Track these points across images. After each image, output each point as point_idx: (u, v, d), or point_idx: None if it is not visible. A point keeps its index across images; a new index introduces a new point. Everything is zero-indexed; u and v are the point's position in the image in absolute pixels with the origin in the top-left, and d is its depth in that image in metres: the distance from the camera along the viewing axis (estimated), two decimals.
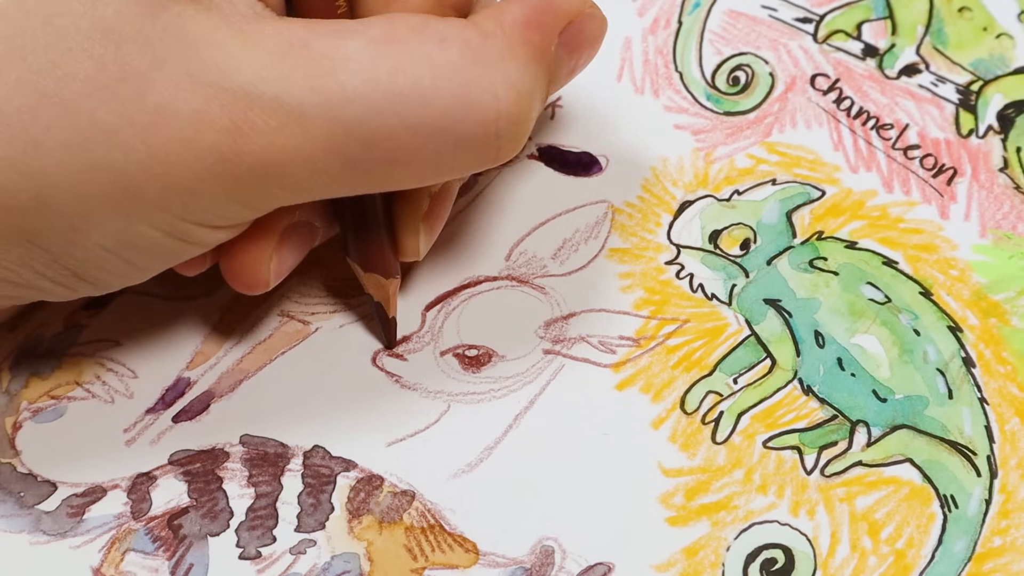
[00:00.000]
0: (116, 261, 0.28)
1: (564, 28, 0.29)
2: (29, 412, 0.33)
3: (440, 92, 0.26)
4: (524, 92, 0.27)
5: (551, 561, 0.31)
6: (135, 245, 0.27)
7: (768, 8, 0.40)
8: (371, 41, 0.26)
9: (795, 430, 0.33)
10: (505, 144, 0.28)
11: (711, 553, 0.31)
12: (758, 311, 0.34)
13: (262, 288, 0.31)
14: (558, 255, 0.35)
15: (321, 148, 0.26)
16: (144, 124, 0.25)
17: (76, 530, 0.31)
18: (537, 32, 0.28)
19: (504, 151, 0.28)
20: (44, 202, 0.26)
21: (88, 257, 0.27)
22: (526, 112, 0.27)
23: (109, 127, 0.25)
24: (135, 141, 0.25)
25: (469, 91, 0.26)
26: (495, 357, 0.34)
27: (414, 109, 0.26)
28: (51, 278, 0.28)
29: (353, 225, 0.32)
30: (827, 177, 0.37)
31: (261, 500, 0.32)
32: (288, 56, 0.26)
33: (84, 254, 0.27)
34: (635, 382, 0.33)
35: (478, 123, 0.27)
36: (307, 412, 0.33)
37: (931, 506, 0.32)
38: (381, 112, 0.26)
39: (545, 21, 0.28)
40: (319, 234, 0.32)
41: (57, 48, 0.25)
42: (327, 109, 0.26)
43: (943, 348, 0.34)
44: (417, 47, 0.26)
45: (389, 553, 0.31)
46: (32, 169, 0.25)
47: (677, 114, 0.38)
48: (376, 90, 0.26)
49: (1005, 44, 0.39)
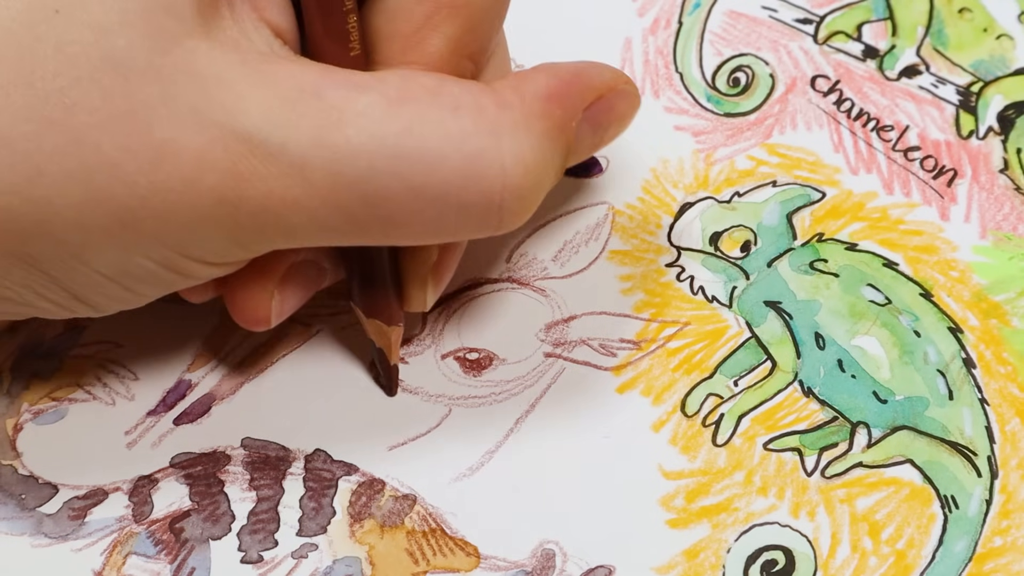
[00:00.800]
0: (115, 287, 0.28)
1: (591, 104, 0.28)
2: (30, 414, 0.33)
3: (446, 160, 0.26)
4: (533, 167, 0.27)
5: (552, 564, 0.31)
6: (133, 274, 0.27)
7: (768, 9, 0.40)
8: (383, 98, 0.26)
9: (795, 432, 0.33)
10: (507, 217, 0.27)
11: (712, 555, 0.31)
12: (759, 313, 0.34)
13: (263, 325, 0.31)
14: (559, 257, 0.35)
15: (321, 201, 0.26)
16: (148, 159, 0.25)
17: (78, 533, 0.31)
18: (559, 107, 0.27)
19: (507, 223, 0.27)
20: (45, 229, 0.26)
21: (87, 282, 0.27)
22: (533, 187, 0.27)
23: (113, 159, 0.25)
24: (138, 176, 0.25)
25: (476, 162, 0.26)
26: (496, 360, 0.34)
27: (418, 173, 0.26)
28: (51, 299, 0.28)
29: (359, 272, 0.32)
30: (827, 179, 0.37)
31: (263, 504, 0.32)
32: (298, 104, 0.25)
33: (84, 279, 0.27)
34: (636, 385, 0.33)
35: (481, 194, 0.26)
36: (308, 415, 0.33)
37: (932, 507, 0.32)
38: (385, 172, 0.25)
39: (570, 95, 0.28)
40: (327, 276, 0.32)
41: (66, 76, 0.25)
42: (331, 162, 0.25)
43: (943, 349, 0.34)
44: (430, 110, 0.26)
45: (391, 557, 0.31)
46: (34, 196, 0.25)
47: (677, 115, 0.38)
48: (382, 149, 0.25)
49: (1005, 45, 0.39)
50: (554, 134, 0.27)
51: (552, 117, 0.27)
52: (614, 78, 0.29)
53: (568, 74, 0.28)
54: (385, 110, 0.26)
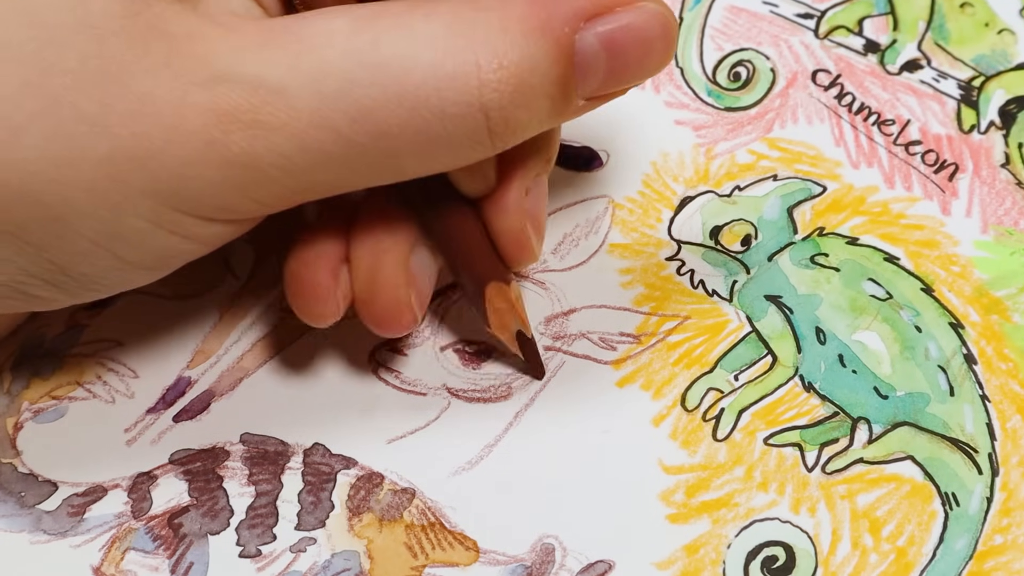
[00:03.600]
0: (107, 256, 0.27)
1: (597, 15, 0.27)
2: (30, 412, 0.33)
3: (419, 61, 0.25)
4: (510, 64, 0.26)
5: (552, 559, 0.31)
6: (125, 238, 0.27)
7: (769, 4, 0.40)
8: (355, 18, 0.26)
9: (796, 427, 0.32)
10: (497, 124, 0.26)
11: (712, 551, 0.31)
12: (759, 307, 0.34)
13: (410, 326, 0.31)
14: (558, 250, 0.35)
15: (307, 123, 0.25)
16: (127, 112, 0.25)
17: (76, 529, 0.31)
18: (543, 10, 0.26)
19: (498, 132, 0.26)
20: (26, 191, 0.25)
21: (76, 251, 0.27)
22: (515, 87, 0.26)
23: (92, 116, 0.25)
24: (119, 129, 0.25)
25: (447, 59, 0.25)
26: (495, 353, 0.34)
27: (394, 79, 0.25)
28: (38, 275, 0.27)
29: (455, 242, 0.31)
30: (828, 173, 0.36)
31: (261, 498, 0.32)
32: (270, 40, 0.26)
33: (72, 247, 0.27)
34: (636, 379, 0.33)
35: (459, 92, 0.26)
36: (307, 410, 0.33)
37: (932, 503, 0.31)
38: (362, 83, 0.25)
39: (559, 1, 0.26)
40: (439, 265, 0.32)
41: (41, 40, 0.25)
42: (308, 82, 0.25)
43: (944, 345, 0.34)
44: (401, 19, 0.26)
45: (389, 551, 0.31)
46: (14, 158, 0.25)
47: (678, 110, 0.38)
48: (356, 61, 0.25)
49: (1007, 39, 0.39)
50: (535, 35, 0.26)
51: (533, 18, 0.26)
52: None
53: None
54: (355, 26, 0.26)
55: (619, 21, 0.27)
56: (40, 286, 0.28)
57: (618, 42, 0.27)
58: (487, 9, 0.26)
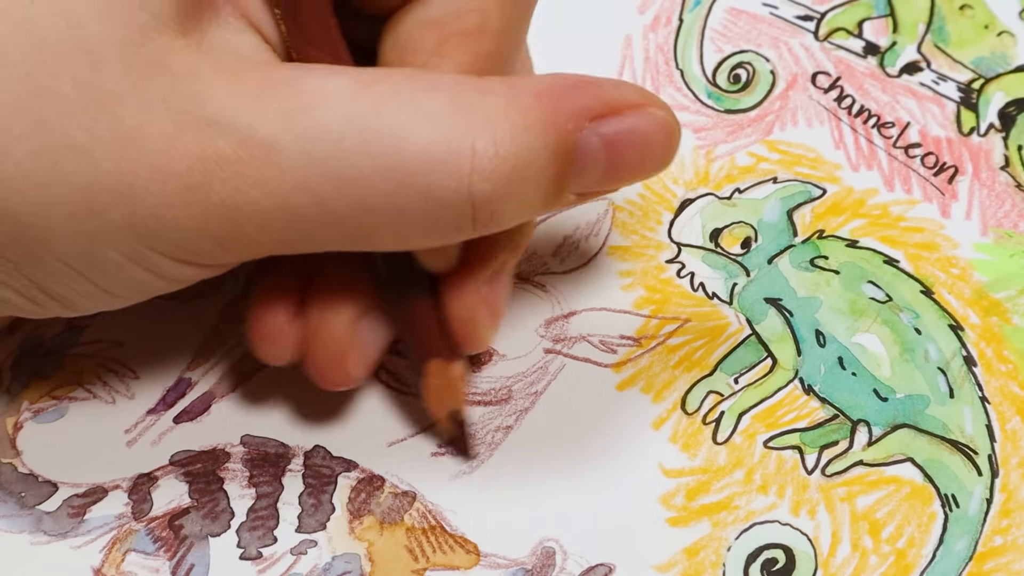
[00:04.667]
0: (82, 281, 0.27)
1: (602, 115, 0.26)
2: (30, 412, 0.33)
3: (413, 137, 0.25)
4: (507, 155, 0.25)
5: (552, 562, 0.31)
6: (100, 268, 0.26)
7: (769, 6, 0.40)
8: (356, 81, 0.25)
9: (796, 430, 0.33)
10: (481, 209, 0.25)
11: (712, 553, 0.31)
12: (759, 310, 0.34)
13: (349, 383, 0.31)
14: (559, 252, 0.35)
15: (292, 184, 0.25)
16: (115, 145, 0.25)
17: (77, 530, 0.31)
18: (550, 103, 0.25)
19: (481, 220, 0.26)
20: (6, 210, 0.25)
21: (52, 272, 0.27)
22: (508, 177, 0.25)
23: (80, 144, 0.25)
24: (104, 161, 0.25)
25: (444, 139, 0.25)
26: (496, 356, 0.34)
27: (386, 152, 0.25)
28: (15, 288, 0.27)
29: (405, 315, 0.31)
30: (828, 175, 0.36)
31: (262, 500, 0.32)
32: (269, 91, 0.25)
33: (49, 269, 0.26)
34: (636, 382, 0.33)
35: (449, 176, 0.25)
36: (308, 412, 0.33)
37: (932, 505, 0.32)
38: (353, 151, 0.25)
39: (568, 96, 0.26)
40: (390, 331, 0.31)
41: (35, 62, 0.25)
42: (300, 143, 0.25)
43: (944, 347, 0.34)
44: (403, 90, 0.25)
45: (390, 554, 0.31)
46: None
47: (678, 112, 0.37)
48: (352, 128, 0.25)
49: (1006, 42, 0.39)
50: (539, 128, 0.25)
51: (538, 111, 0.25)
52: (638, 96, 0.27)
53: (575, 78, 0.26)
54: (357, 90, 0.25)
55: (625, 124, 0.27)
56: (15, 297, 0.28)
57: (621, 144, 0.27)
58: (492, 93, 0.25)
